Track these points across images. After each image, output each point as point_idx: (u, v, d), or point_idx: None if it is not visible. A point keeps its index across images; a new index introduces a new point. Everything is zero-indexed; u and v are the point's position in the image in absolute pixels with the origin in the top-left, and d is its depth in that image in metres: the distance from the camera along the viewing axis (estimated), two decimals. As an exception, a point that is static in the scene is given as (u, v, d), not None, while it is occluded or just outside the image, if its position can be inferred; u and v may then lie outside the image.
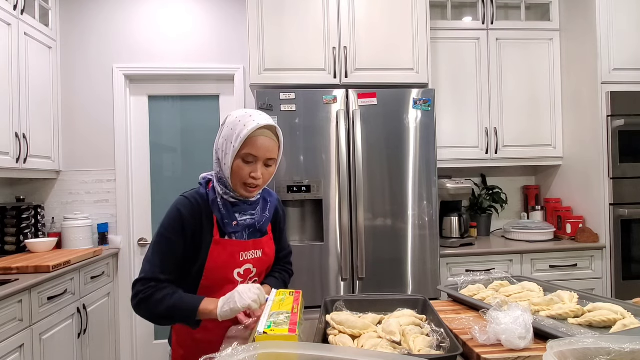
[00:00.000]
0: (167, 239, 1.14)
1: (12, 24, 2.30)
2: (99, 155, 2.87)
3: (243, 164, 1.14)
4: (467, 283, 1.37)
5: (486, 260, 2.44)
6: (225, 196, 1.20)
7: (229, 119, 1.18)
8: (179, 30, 2.94)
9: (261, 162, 1.16)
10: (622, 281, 2.47)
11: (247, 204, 1.24)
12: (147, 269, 1.12)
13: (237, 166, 1.14)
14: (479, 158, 2.76)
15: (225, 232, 1.20)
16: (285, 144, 2.19)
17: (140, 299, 1.10)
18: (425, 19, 2.41)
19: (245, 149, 1.13)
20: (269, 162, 1.18)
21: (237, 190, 1.18)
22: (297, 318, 0.91)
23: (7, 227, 2.50)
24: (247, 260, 1.24)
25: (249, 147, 1.13)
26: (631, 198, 2.48)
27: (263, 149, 1.15)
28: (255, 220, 1.25)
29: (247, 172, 1.15)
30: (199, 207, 1.19)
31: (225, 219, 1.19)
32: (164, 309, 1.08)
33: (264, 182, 1.20)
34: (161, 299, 1.08)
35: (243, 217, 1.23)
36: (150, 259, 1.14)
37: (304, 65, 2.35)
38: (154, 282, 1.11)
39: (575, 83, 2.70)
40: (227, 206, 1.20)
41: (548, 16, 2.87)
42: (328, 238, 2.20)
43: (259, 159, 1.15)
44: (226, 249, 1.20)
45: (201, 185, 1.25)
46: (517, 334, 0.87)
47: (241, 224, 1.22)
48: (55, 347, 2.04)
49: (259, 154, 1.14)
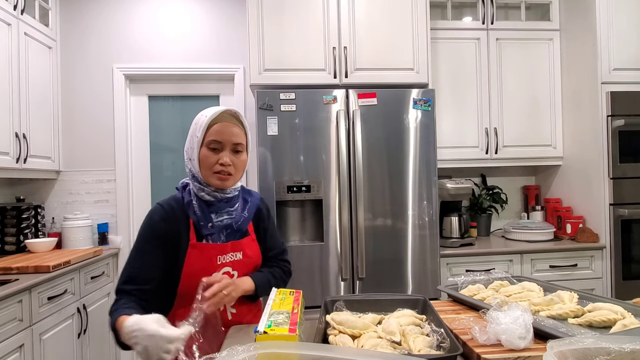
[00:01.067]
0: (138, 249, 1.14)
1: (12, 24, 2.30)
2: (99, 155, 2.87)
3: (209, 152, 1.14)
4: (467, 283, 1.37)
5: (486, 260, 2.44)
6: (200, 194, 1.17)
7: (195, 118, 1.19)
8: (179, 30, 2.94)
9: (228, 148, 1.16)
10: (622, 281, 2.47)
11: (223, 202, 1.21)
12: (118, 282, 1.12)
13: (204, 155, 1.14)
14: (479, 158, 2.76)
15: (202, 235, 1.17)
16: (285, 144, 2.20)
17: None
18: (425, 19, 2.41)
19: (208, 136, 1.14)
20: (237, 148, 1.17)
21: (209, 182, 1.16)
22: (297, 318, 0.91)
23: (7, 227, 2.50)
24: (225, 264, 1.19)
25: (212, 134, 1.14)
26: (631, 198, 2.48)
27: (226, 134, 1.15)
28: (233, 219, 1.21)
29: (215, 160, 1.14)
30: (173, 212, 1.16)
31: (200, 220, 1.16)
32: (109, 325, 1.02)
33: (236, 169, 1.18)
34: (111, 312, 1.04)
35: (220, 218, 1.19)
36: (122, 271, 1.14)
37: (304, 65, 2.35)
38: (118, 295, 1.09)
39: (575, 83, 2.70)
40: (202, 207, 1.18)
41: (548, 16, 2.87)
42: (328, 238, 2.20)
43: (224, 144, 1.15)
44: (203, 253, 1.16)
45: (178, 190, 1.23)
46: (517, 334, 0.87)
47: (217, 225, 1.18)
48: (55, 347, 2.04)
49: (223, 139, 1.15)
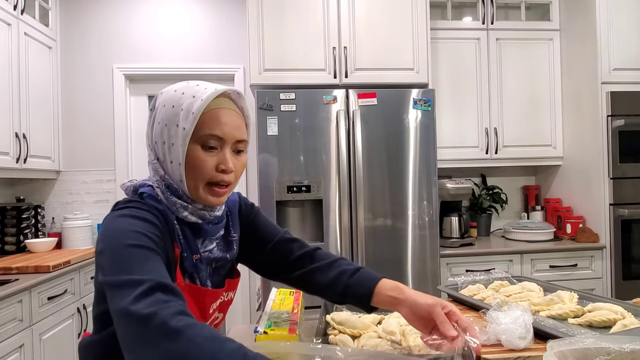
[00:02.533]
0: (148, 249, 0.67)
1: (12, 24, 2.30)
2: (99, 155, 2.87)
3: (204, 152, 0.76)
4: (467, 283, 1.36)
5: (486, 260, 2.44)
6: (183, 214, 0.79)
7: (163, 96, 0.79)
8: (178, 30, 2.94)
9: (229, 146, 0.78)
10: (622, 281, 2.47)
11: (213, 224, 0.84)
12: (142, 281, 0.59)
13: (196, 158, 0.75)
14: (479, 158, 2.76)
15: (184, 270, 0.80)
16: (286, 144, 2.19)
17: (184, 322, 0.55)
18: (425, 19, 2.41)
19: (204, 129, 0.75)
20: (239, 147, 0.80)
21: (197, 197, 0.78)
22: (297, 318, 0.91)
23: (7, 227, 2.50)
24: (215, 309, 0.87)
25: (210, 126, 0.75)
26: (631, 198, 2.48)
27: (230, 126, 0.77)
28: (222, 250, 0.87)
29: (213, 165, 0.77)
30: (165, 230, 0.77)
31: (184, 251, 0.79)
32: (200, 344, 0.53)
33: (236, 177, 0.81)
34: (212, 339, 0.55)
35: (208, 247, 0.84)
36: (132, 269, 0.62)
37: (304, 65, 2.35)
38: (163, 292, 0.59)
39: (575, 83, 2.70)
40: (185, 232, 0.80)
41: (548, 16, 2.87)
42: (328, 238, 2.20)
43: (225, 141, 0.77)
44: (193, 299, 0.80)
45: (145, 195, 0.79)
46: (517, 334, 0.87)
47: (205, 258, 0.83)
48: (55, 347, 2.04)
49: (225, 134, 0.77)
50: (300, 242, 0.99)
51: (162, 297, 0.57)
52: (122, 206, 0.75)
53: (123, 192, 0.84)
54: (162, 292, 0.58)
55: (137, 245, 0.65)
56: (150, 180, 0.82)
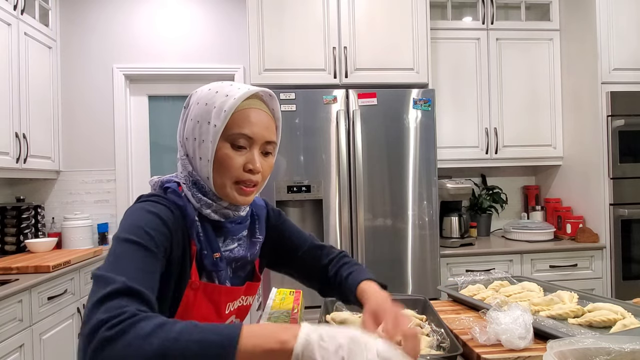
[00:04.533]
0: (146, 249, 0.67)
1: (12, 24, 2.30)
2: (99, 155, 2.87)
3: (233, 151, 0.77)
4: (467, 283, 1.37)
5: (486, 260, 2.43)
6: (206, 211, 0.80)
7: (197, 94, 0.81)
8: (178, 30, 2.94)
9: (258, 146, 0.79)
10: (622, 281, 2.47)
11: (235, 223, 0.85)
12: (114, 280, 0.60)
13: (224, 156, 0.77)
14: (479, 158, 2.76)
15: (202, 269, 0.80)
16: (285, 144, 2.19)
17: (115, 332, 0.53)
18: (425, 19, 2.41)
19: (235, 127, 0.76)
20: (267, 148, 0.82)
21: (224, 194, 0.79)
22: (297, 318, 0.91)
23: (7, 227, 2.50)
24: (232, 312, 0.86)
25: (240, 125, 0.77)
26: (631, 198, 2.48)
27: (260, 127, 0.79)
28: (244, 249, 0.87)
29: (240, 163, 0.77)
30: (180, 226, 0.77)
31: (204, 248, 0.79)
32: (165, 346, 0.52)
33: (263, 178, 0.83)
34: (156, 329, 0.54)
35: (229, 247, 0.84)
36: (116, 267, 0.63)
37: (304, 65, 2.35)
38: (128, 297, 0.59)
39: (575, 83, 2.70)
40: (205, 229, 0.80)
41: (548, 16, 2.87)
42: (328, 238, 2.20)
43: (255, 141, 0.78)
44: (207, 298, 0.80)
45: (169, 190, 0.80)
46: (517, 334, 0.87)
47: (226, 257, 0.83)
48: (55, 347, 2.04)
49: (255, 134, 0.78)
50: (327, 249, 1.04)
51: (122, 303, 0.57)
52: (144, 199, 0.77)
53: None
54: (128, 298, 0.58)
55: (134, 242, 0.67)
56: (177, 177, 0.84)
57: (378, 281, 0.89)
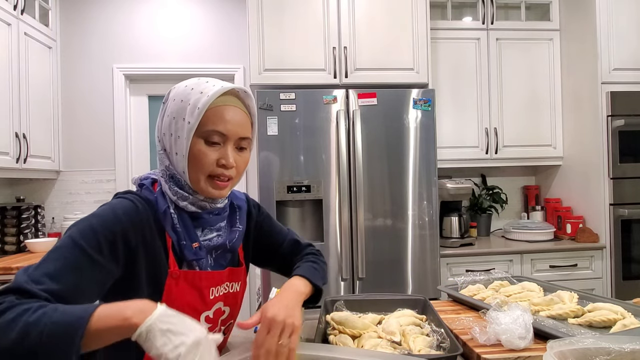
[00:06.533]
0: (81, 250, 0.69)
1: (12, 24, 2.30)
2: (99, 155, 2.88)
3: (206, 147, 0.81)
4: (467, 283, 1.37)
5: (486, 260, 2.43)
6: (182, 203, 0.83)
7: (175, 90, 0.84)
8: (178, 30, 2.94)
9: (231, 143, 0.83)
10: (622, 281, 2.47)
11: (213, 214, 0.88)
12: (19, 278, 0.64)
13: (198, 152, 0.80)
14: (479, 158, 2.76)
15: (182, 260, 0.84)
16: (286, 144, 2.19)
17: None
18: (425, 19, 2.41)
19: (208, 124, 0.80)
20: (242, 144, 0.85)
21: (199, 188, 0.83)
22: (297, 318, 0.91)
23: (7, 227, 2.50)
24: (218, 298, 0.88)
25: (214, 122, 0.80)
26: (631, 198, 2.48)
27: (234, 124, 0.82)
28: (223, 238, 0.89)
29: (214, 159, 0.81)
30: (147, 220, 0.80)
31: (182, 239, 0.82)
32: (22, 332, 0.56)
33: (238, 173, 0.86)
34: (17, 316, 0.58)
35: (208, 236, 0.87)
36: (38, 265, 0.67)
37: (304, 65, 2.35)
38: (17, 295, 0.61)
39: (575, 83, 2.70)
40: (184, 220, 0.84)
41: (548, 16, 2.87)
42: (328, 238, 2.20)
43: (228, 138, 0.82)
44: (190, 285, 0.83)
45: (143, 187, 0.86)
46: (517, 334, 0.87)
47: (205, 246, 0.86)
48: (55, 347, 2.04)
49: (228, 131, 0.81)
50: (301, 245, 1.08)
51: (14, 300, 0.61)
52: (119, 196, 0.82)
53: None
54: (15, 295, 0.62)
55: (78, 245, 0.70)
56: (154, 173, 0.89)
57: (313, 282, 0.92)
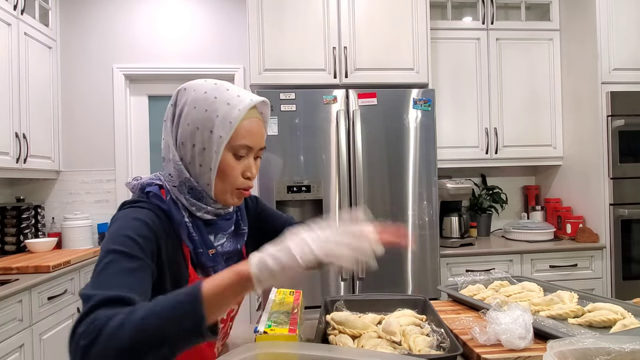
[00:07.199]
0: (131, 258, 0.68)
1: (12, 24, 2.30)
2: (99, 155, 2.87)
3: (234, 160, 0.80)
4: (467, 283, 1.37)
5: (486, 260, 2.43)
6: (198, 213, 0.82)
7: (192, 95, 0.81)
8: (178, 30, 2.94)
9: (253, 154, 0.84)
10: (622, 281, 2.47)
11: (224, 219, 0.88)
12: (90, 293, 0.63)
13: (227, 165, 0.79)
14: (479, 158, 2.76)
15: (197, 266, 0.84)
16: (285, 144, 2.19)
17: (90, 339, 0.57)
18: (425, 19, 2.41)
19: (239, 138, 0.79)
20: (259, 154, 0.86)
21: (222, 199, 0.83)
22: (297, 318, 0.91)
23: (7, 227, 2.50)
24: None
25: (244, 136, 0.79)
26: (631, 198, 2.48)
27: (258, 136, 0.82)
28: (232, 243, 0.91)
29: (239, 172, 0.81)
30: (168, 229, 0.79)
31: (198, 247, 0.82)
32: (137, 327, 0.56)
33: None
34: (125, 320, 0.57)
35: (219, 241, 0.87)
36: (95, 281, 0.65)
37: (304, 65, 2.35)
38: (102, 308, 0.60)
39: (575, 83, 2.70)
40: (199, 228, 0.83)
41: (548, 16, 2.87)
42: (328, 238, 2.20)
43: (253, 150, 0.83)
44: None
45: (150, 194, 0.81)
46: (517, 334, 0.87)
47: (220, 252, 0.86)
48: (55, 347, 2.04)
49: (254, 144, 0.82)
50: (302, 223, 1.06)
51: (98, 315, 0.59)
52: (128, 205, 0.78)
53: (123, 192, 0.89)
54: (106, 307, 0.60)
55: (118, 252, 0.68)
56: (157, 179, 0.84)
57: None
